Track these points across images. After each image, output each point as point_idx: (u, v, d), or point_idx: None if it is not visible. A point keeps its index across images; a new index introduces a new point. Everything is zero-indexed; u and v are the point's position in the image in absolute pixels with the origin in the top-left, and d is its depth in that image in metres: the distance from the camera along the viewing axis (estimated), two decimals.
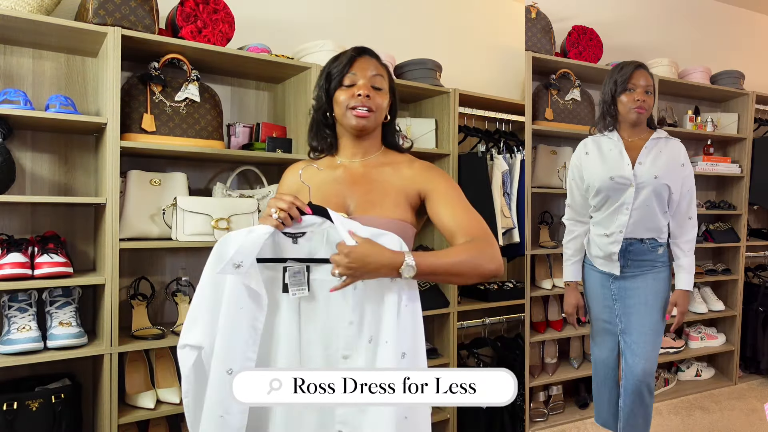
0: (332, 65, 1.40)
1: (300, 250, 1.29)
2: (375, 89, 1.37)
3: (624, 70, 2.16)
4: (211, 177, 2.38)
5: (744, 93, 3.63)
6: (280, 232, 1.28)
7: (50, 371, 2.02)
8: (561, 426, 2.93)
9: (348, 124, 1.37)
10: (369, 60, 1.40)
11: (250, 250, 1.22)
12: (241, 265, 1.21)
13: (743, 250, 3.62)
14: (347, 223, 1.26)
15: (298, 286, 1.28)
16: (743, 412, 3.14)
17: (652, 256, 2.15)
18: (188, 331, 1.27)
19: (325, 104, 1.41)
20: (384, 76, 1.40)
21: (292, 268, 1.28)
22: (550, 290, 3.00)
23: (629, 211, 2.10)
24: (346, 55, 1.39)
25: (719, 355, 3.69)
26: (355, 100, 1.34)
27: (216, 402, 1.22)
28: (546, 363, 3.07)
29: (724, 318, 3.64)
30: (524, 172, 2.86)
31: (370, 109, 1.35)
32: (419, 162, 1.44)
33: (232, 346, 1.23)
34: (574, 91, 3.05)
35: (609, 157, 2.16)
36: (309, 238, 1.29)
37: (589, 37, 3.13)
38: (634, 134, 2.19)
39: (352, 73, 1.37)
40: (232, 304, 1.24)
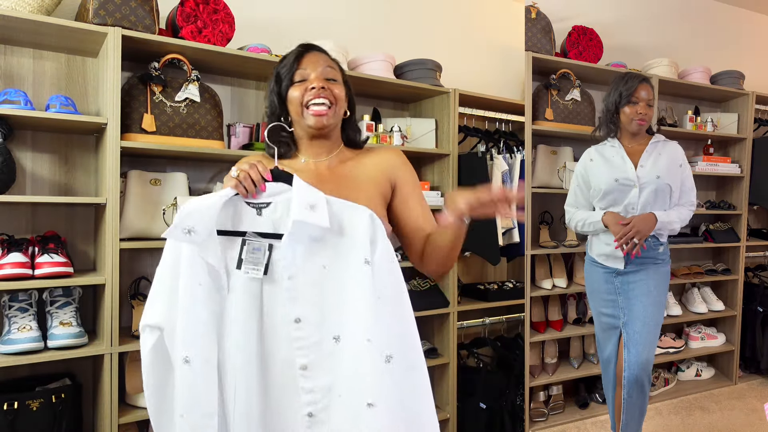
0: (280, 65, 1.33)
1: (264, 222, 1.14)
2: (329, 81, 1.29)
3: (629, 83, 2.27)
4: (211, 177, 2.38)
5: (744, 93, 3.63)
6: (243, 202, 1.15)
7: (50, 371, 2.03)
8: (561, 426, 2.93)
9: (306, 125, 1.29)
10: (317, 54, 1.32)
11: (204, 213, 1.09)
12: (192, 231, 1.08)
13: (743, 250, 3.62)
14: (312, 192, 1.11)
15: (254, 264, 1.11)
16: (743, 412, 3.15)
17: (654, 253, 2.26)
18: (148, 309, 1.14)
19: (278, 108, 1.32)
20: (335, 68, 1.33)
21: (252, 243, 1.13)
22: (550, 290, 3.00)
23: (635, 211, 2.24)
24: (293, 52, 1.32)
25: (719, 355, 3.69)
26: (309, 94, 1.26)
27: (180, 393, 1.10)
28: (546, 363, 3.07)
29: (724, 318, 3.64)
30: (524, 172, 2.86)
31: (331, 102, 1.27)
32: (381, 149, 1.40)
33: (189, 327, 1.09)
34: (574, 92, 3.05)
35: (612, 162, 2.30)
36: (273, 210, 1.15)
37: (589, 38, 3.13)
38: (634, 141, 2.35)
39: (302, 68, 1.29)
40: (190, 279, 1.10)
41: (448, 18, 3.09)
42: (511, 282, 3.01)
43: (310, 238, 1.12)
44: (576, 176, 2.42)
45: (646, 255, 2.24)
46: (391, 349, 1.08)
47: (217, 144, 2.14)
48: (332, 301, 1.11)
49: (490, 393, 2.67)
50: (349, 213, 1.12)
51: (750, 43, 4.21)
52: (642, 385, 2.21)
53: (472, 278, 3.11)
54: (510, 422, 2.70)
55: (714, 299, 3.61)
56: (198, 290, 1.10)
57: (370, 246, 1.10)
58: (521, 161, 2.87)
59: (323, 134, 1.32)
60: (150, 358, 1.13)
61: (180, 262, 1.11)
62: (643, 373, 2.20)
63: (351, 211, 1.12)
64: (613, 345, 2.33)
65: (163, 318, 1.12)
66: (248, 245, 1.12)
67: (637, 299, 2.24)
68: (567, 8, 3.34)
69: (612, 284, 2.31)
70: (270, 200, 1.15)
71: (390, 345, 1.08)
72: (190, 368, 1.09)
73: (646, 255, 2.24)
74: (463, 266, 3.06)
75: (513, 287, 2.92)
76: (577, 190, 2.42)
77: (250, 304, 1.13)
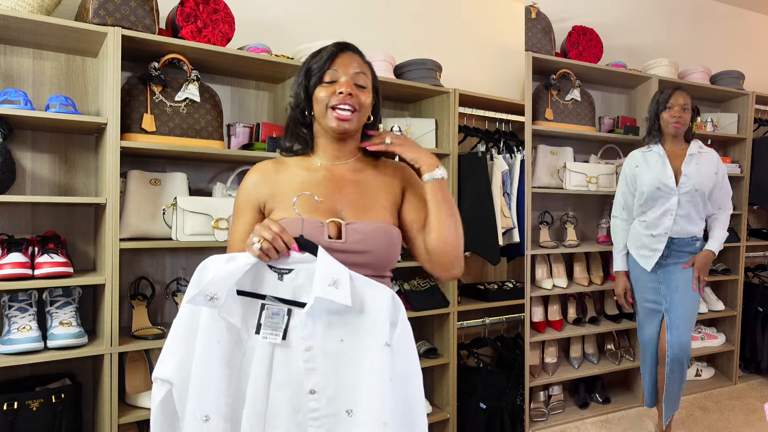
0: (312, 60, 1.31)
1: (284, 288, 1.14)
2: (358, 87, 1.28)
3: (665, 92, 2.61)
4: (211, 177, 2.38)
5: (744, 93, 3.63)
6: (266, 265, 1.14)
7: (50, 371, 2.03)
8: (561, 426, 2.93)
9: (328, 126, 1.28)
10: (351, 56, 1.31)
11: (226, 281, 1.09)
12: (215, 298, 1.09)
13: (743, 250, 3.62)
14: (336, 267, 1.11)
15: (273, 329, 1.12)
16: (743, 412, 3.15)
17: (691, 248, 2.59)
18: (161, 363, 1.15)
19: (304, 102, 1.32)
20: (367, 74, 1.32)
21: (272, 308, 1.13)
22: (550, 290, 3.00)
23: (673, 216, 2.53)
24: (327, 50, 1.30)
25: (719, 355, 3.69)
26: (336, 98, 1.26)
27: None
28: (546, 363, 3.07)
29: (724, 318, 3.64)
30: (524, 172, 2.86)
31: (353, 109, 1.26)
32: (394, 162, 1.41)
33: (206, 386, 1.11)
34: (574, 92, 3.05)
35: (655, 168, 2.58)
36: (295, 277, 1.14)
37: (589, 38, 3.13)
38: (674, 145, 2.63)
39: (334, 69, 1.28)
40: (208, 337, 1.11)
41: (448, 18, 3.09)
42: (511, 282, 3.01)
43: (330, 312, 1.13)
44: (624, 176, 2.72)
45: (684, 250, 2.56)
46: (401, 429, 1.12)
47: (217, 144, 2.14)
48: (348, 375, 1.12)
49: (490, 393, 2.67)
50: (372, 291, 1.13)
51: (750, 43, 4.21)
52: (682, 363, 2.52)
53: (472, 278, 3.11)
54: (510, 422, 2.70)
55: (714, 299, 3.60)
56: (217, 348, 1.11)
57: (390, 328, 1.12)
58: (521, 161, 2.87)
59: (343, 138, 1.32)
60: (158, 410, 1.16)
61: (197, 319, 1.13)
62: (683, 353, 2.50)
63: (373, 289, 1.13)
64: (654, 327, 2.62)
65: (175, 373, 1.14)
66: (267, 310, 1.13)
67: (678, 289, 2.54)
68: (567, 8, 3.34)
69: (655, 274, 2.60)
70: (293, 267, 1.15)
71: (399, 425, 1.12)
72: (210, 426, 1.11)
73: (684, 250, 2.56)
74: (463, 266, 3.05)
75: (513, 287, 2.92)
76: (626, 189, 2.71)
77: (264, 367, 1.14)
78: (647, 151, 2.66)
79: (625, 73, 3.22)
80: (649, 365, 2.68)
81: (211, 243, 2.05)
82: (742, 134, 3.64)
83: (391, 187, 1.34)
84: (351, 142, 1.34)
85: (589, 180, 3.05)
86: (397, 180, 1.35)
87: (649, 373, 2.69)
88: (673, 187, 2.52)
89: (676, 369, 2.52)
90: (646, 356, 2.69)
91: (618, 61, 3.29)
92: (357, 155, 1.36)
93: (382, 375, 1.10)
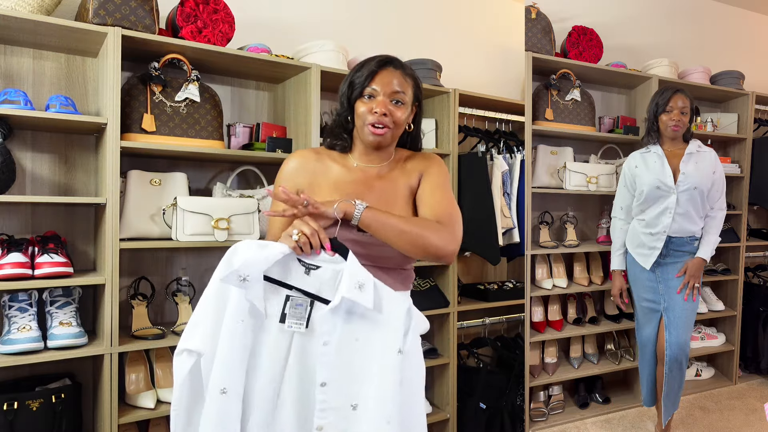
0: (355, 75, 1.42)
1: (310, 282, 1.24)
2: (394, 104, 1.39)
3: (664, 94, 2.61)
4: (211, 177, 2.38)
5: (744, 93, 3.63)
6: (295, 257, 1.23)
7: (50, 371, 2.03)
8: (561, 426, 2.93)
9: (365, 139, 1.41)
10: (392, 73, 1.40)
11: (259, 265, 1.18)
12: (246, 279, 1.16)
13: (743, 250, 3.62)
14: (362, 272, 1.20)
15: (297, 319, 1.21)
16: (743, 412, 3.15)
17: (689, 247, 2.61)
18: (189, 336, 1.22)
19: (347, 110, 1.44)
20: (406, 91, 1.41)
21: (296, 299, 1.22)
22: (550, 290, 3.00)
23: (672, 214, 2.55)
24: (369, 66, 1.41)
25: (719, 355, 3.69)
26: (372, 116, 1.37)
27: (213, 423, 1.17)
28: (546, 363, 3.07)
29: (724, 318, 3.64)
30: (524, 172, 2.86)
31: (388, 127, 1.38)
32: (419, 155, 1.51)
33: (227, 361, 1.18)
34: (574, 92, 3.05)
35: (653, 168, 2.61)
36: (322, 274, 1.24)
37: (589, 38, 3.13)
38: (673, 146, 2.65)
39: (373, 87, 1.38)
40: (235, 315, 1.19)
41: (448, 18, 3.09)
42: (511, 282, 3.01)
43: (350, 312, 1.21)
44: (624, 177, 2.74)
45: (682, 249, 2.59)
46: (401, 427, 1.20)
47: (217, 144, 2.14)
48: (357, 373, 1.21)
49: (490, 393, 2.67)
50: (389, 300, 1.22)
51: (750, 43, 4.21)
52: (680, 363, 2.53)
53: (472, 278, 3.11)
54: (510, 422, 2.70)
55: (714, 299, 3.60)
56: (239, 327, 1.19)
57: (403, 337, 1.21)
58: (521, 161, 2.87)
59: (378, 148, 1.44)
60: (187, 381, 1.21)
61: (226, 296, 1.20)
62: (681, 353, 2.52)
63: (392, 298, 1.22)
64: (652, 327, 2.64)
65: (204, 345, 1.20)
66: (292, 301, 1.22)
67: (676, 289, 2.56)
68: (567, 8, 3.34)
69: (653, 273, 2.62)
70: (321, 265, 1.23)
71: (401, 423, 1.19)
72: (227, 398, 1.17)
73: (682, 249, 2.59)
74: (463, 266, 3.06)
75: (513, 287, 2.92)
76: (624, 190, 2.73)
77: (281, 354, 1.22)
78: (646, 152, 2.68)
79: (625, 73, 3.22)
80: (648, 364, 2.69)
81: (211, 243, 2.05)
82: (742, 134, 3.64)
83: (411, 178, 1.45)
84: (386, 149, 1.47)
85: (589, 180, 3.05)
86: (417, 171, 1.46)
87: (648, 372, 2.70)
88: (671, 185, 2.54)
89: (675, 368, 2.53)
90: (645, 355, 2.71)
91: (618, 61, 3.29)
92: (390, 158, 1.48)
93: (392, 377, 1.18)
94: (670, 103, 2.57)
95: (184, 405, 1.22)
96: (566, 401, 3.16)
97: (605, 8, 3.54)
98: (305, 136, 2.27)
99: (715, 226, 2.63)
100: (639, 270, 2.66)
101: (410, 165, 1.47)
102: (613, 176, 3.13)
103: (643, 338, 2.70)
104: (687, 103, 2.58)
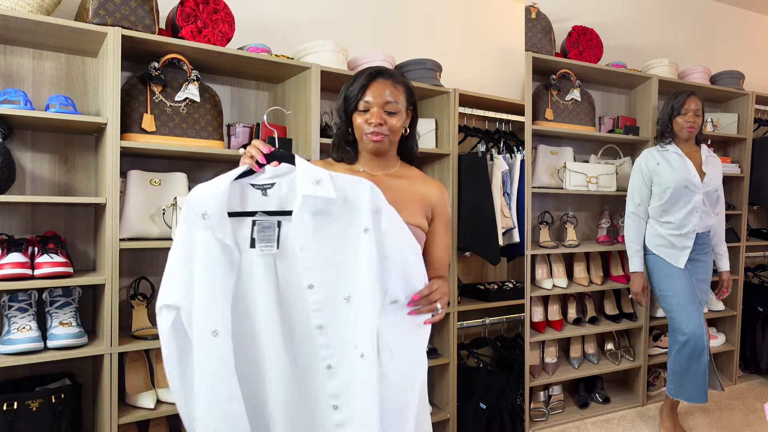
0: (349, 89, 1.49)
1: (270, 201, 1.24)
2: (388, 114, 1.45)
3: (679, 97, 2.70)
4: (211, 177, 2.35)
5: (744, 93, 3.62)
6: (249, 185, 1.24)
7: (50, 371, 2.03)
8: (561, 426, 2.93)
9: (366, 147, 1.49)
10: (383, 84, 1.46)
11: (214, 196, 1.17)
12: (206, 215, 1.16)
13: (743, 250, 3.62)
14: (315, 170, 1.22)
15: (267, 241, 1.21)
16: (743, 412, 3.15)
17: (706, 239, 2.74)
18: (165, 290, 1.23)
19: (345, 123, 1.52)
20: (398, 100, 1.47)
21: (261, 222, 1.22)
22: (550, 290, 3.00)
23: (699, 213, 2.65)
24: (360, 81, 1.46)
25: (719, 355, 3.69)
26: (368, 127, 1.45)
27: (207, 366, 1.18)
28: (546, 363, 3.07)
29: (724, 318, 3.64)
30: (524, 172, 2.86)
31: (385, 134, 1.45)
32: (432, 181, 1.58)
33: (211, 304, 1.19)
34: (574, 92, 3.05)
35: (677, 166, 2.67)
36: (278, 189, 1.25)
37: (589, 38, 3.13)
38: (687, 147, 2.75)
39: (366, 99, 1.45)
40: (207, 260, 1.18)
41: (448, 18, 3.09)
42: (511, 282, 3.01)
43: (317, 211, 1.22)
44: (640, 174, 2.76)
45: (703, 243, 2.70)
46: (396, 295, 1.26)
47: (217, 144, 2.14)
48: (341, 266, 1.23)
49: (490, 393, 2.67)
50: (351, 186, 1.24)
51: (750, 43, 4.21)
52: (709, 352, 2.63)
53: (472, 278, 3.11)
54: (510, 422, 2.70)
55: (714, 299, 3.60)
56: (216, 269, 1.20)
57: (372, 215, 1.24)
58: (521, 161, 2.87)
59: (379, 154, 1.51)
60: (170, 336, 1.21)
61: (193, 245, 1.19)
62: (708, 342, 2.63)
63: (353, 185, 1.24)
64: (699, 318, 2.62)
65: (182, 297, 1.21)
66: (258, 225, 1.21)
67: (704, 280, 2.72)
68: (567, 8, 3.34)
69: (686, 269, 2.68)
70: (274, 181, 1.24)
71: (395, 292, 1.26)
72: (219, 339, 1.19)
73: (703, 243, 2.70)
74: (463, 266, 3.06)
75: (513, 287, 2.92)
76: (642, 186, 2.75)
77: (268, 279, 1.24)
78: (664, 150, 2.74)
79: (625, 73, 3.22)
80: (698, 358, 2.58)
81: None
82: (742, 134, 3.64)
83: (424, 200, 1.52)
84: (388, 155, 1.53)
85: (589, 180, 3.04)
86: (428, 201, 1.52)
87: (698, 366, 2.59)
88: (699, 185, 2.63)
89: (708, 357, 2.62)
90: (687, 350, 2.59)
91: (618, 61, 3.29)
92: (395, 166, 1.55)
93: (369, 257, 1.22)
94: (685, 105, 2.66)
95: (175, 358, 1.24)
96: (566, 401, 3.16)
97: (605, 8, 3.54)
98: (305, 136, 2.27)
99: (723, 233, 2.79)
100: (670, 268, 2.68)
101: (423, 187, 1.54)
102: (613, 176, 3.13)
103: (690, 330, 2.58)
104: (700, 106, 2.68)
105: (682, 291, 2.65)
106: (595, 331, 3.11)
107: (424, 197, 1.52)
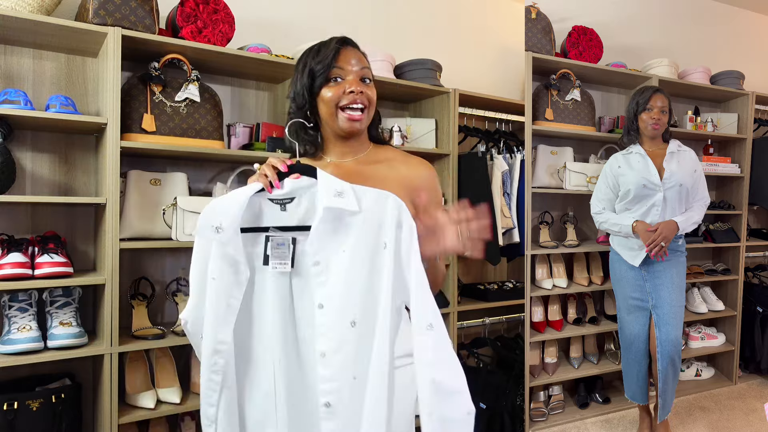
0: (313, 60, 1.26)
1: (289, 217, 1.15)
2: (365, 82, 1.26)
3: (644, 93, 2.64)
4: (211, 177, 2.38)
5: (744, 93, 3.62)
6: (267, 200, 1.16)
7: (50, 371, 2.03)
8: (561, 426, 2.93)
9: (339, 127, 1.25)
10: (354, 51, 1.28)
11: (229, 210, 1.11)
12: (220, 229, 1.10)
13: (743, 250, 3.62)
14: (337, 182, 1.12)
15: (280, 259, 1.13)
16: (743, 412, 3.15)
17: (674, 245, 2.58)
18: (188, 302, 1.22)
19: (307, 104, 1.27)
20: (370, 68, 1.30)
21: (276, 239, 1.14)
22: (550, 290, 3.00)
23: (659, 211, 2.55)
24: (330, 48, 1.25)
25: (719, 355, 3.69)
26: (346, 98, 1.23)
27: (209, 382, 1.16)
28: (546, 363, 3.07)
29: (724, 318, 3.64)
30: (524, 172, 2.86)
31: (364, 107, 1.25)
32: (414, 159, 1.35)
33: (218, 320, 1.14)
34: (574, 92, 3.05)
35: (637, 167, 2.61)
36: (298, 204, 1.15)
37: (589, 38, 3.13)
38: (653, 146, 2.67)
39: (339, 67, 1.24)
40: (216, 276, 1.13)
41: (448, 18, 3.09)
42: (511, 282, 3.01)
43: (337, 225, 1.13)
44: (605, 176, 2.71)
45: (668, 248, 2.55)
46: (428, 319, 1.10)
47: (217, 144, 2.14)
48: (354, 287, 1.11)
49: (490, 393, 2.67)
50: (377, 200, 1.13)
51: (750, 43, 4.21)
52: (674, 359, 2.53)
53: (472, 278, 3.11)
54: (510, 422, 2.70)
55: (714, 299, 3.60)
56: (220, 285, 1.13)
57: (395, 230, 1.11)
58: (521, 161, 2.87)
59: (352, 135, 1.29)
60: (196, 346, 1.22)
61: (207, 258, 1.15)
62: (674, 350, 2.53)
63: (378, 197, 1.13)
64: (641, 324, 2.61)
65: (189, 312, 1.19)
66: (272, 241, 1.14)
67: (663, 286, 2.56)
68: (567, 8, 3.34)
69: (639, 272, 2.60)
70: (294, 195, 1.15)
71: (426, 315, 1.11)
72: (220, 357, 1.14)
73: (668, 248, 2.55)
74: (463, 266, 3.06)
75: (513, 287, 2.92)
76: (606, 189, 2.70)
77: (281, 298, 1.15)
78: (627, 153, 2.67)
79: (625, 73, 3.22)
80: (638, 362, 2.65)
81: None
82: (742, 134, 3.64)
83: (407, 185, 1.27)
84: (359, 138, 1.32)
85: (589, 180, 3.04)
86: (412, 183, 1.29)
87: (638, 370, 2.66)
88: (658, 183, 2.54)
89: (669, 365, 2.53)
90: (631, 353, 2.66)
91: (618, 61, 3.29)
92: (367, 149, 1.34)
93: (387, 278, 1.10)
94: (650, 102, 2.59)
95: None
96: (566, 401, 3.16)
97: (605, 8, 3.54)
98: None
99: (697, 208, 2.63)
100: (626, 268, 2.63)
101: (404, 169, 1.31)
102: None
103: (629, 336, 2.65)
104: (666, 103, 2.61)
105: (631, 295, 2.62)
106: (595, 331, 3.11)
107: (408, 182, 1.27)
